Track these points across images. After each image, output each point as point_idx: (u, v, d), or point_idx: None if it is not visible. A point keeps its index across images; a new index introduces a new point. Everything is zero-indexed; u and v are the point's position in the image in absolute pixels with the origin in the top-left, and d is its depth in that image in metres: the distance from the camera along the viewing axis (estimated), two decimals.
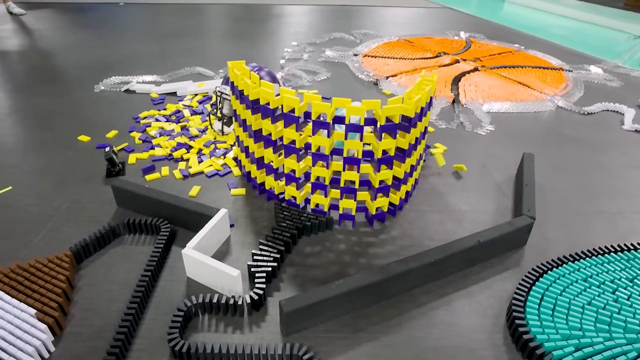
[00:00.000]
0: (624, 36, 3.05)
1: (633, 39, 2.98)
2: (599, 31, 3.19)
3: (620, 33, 3.13)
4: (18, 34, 2.84)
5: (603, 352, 0.75)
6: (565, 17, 3.61)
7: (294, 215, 1.06)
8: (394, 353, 0.78)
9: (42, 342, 0.74)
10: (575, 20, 3.51)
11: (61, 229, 1.05)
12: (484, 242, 0.94)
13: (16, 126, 1.57)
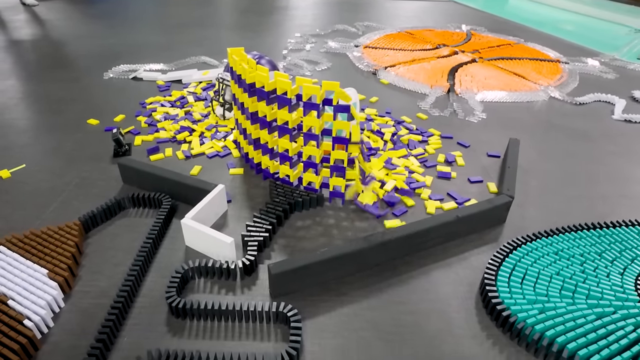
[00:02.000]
0: (624, 30, 3.07)
1: (634, 33, 2.99)
2: (600, 25, 3.20)
3: (622, 27, 3.14)
4: (31, 24, 2.93)
5: (564, 315, 0.81)
6: (568, 10, 3.62)
7: (287, 192, 1.13)
8: (373, 314, 0.84)
9: (53, 297, 0.82)
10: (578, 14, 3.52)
11: (71, 203, 1.13)
12: (462, 217, 1.00)
13: (29, 110, 1.66)
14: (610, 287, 0.88)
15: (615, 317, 0.81)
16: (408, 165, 1.30)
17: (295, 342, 0.74)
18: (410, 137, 1.46)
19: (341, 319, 0.83)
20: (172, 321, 0.81)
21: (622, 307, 0.84)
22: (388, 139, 1.44)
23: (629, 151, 1.49)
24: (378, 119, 1.59)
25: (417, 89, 1.90)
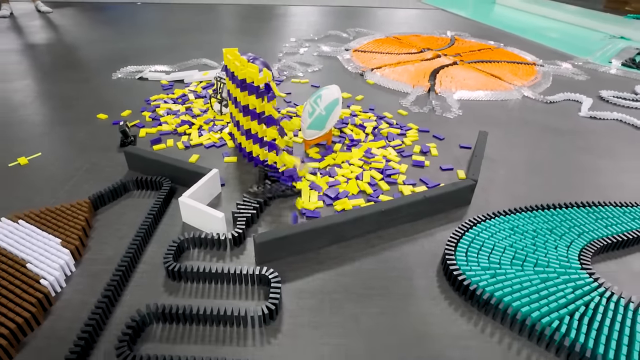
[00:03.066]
0: (600, 35, 3.14)
1: (609, 38, 3.07)
2: (578, 31, 3.28)
3: (597, 33, 3.22)
4: (45, 29, 3.02)
5: (513, 280, 0.89)
6: (550, 18, 3.70)
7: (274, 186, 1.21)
8: (346, 280, 0.92)
9: (65, 262, 0.90)
10: (558, 21, 3.60)
11: (82, 185, 1.21)
12: (429, 197, 1.08)
13: (44, 106, 1.74)
14: (557, 257, 0.96)
15: (558, 281, 0.89)
16: (386, 155, 1.38)
17: (275, 299, 0.82)
18: (390, 130, 1.54)
19: (317, 282, 0.91)
20: (168, 283, 0.89)
21: (564, 274, 0.91)
22: (369, 132, 1.52)
23: (591, 145, 1.57)
24: (362, 114, 1.67)
25: (400, 88, 1.98)
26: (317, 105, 1.35)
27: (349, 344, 0.78)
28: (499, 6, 4.29)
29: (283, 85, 2.00)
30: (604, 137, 1.62)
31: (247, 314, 0.80)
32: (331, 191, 1.18)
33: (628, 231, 1.04)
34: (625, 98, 1.98)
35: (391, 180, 1.26)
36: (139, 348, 0.76)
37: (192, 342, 0.77)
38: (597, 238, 1.02)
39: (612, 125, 1.73)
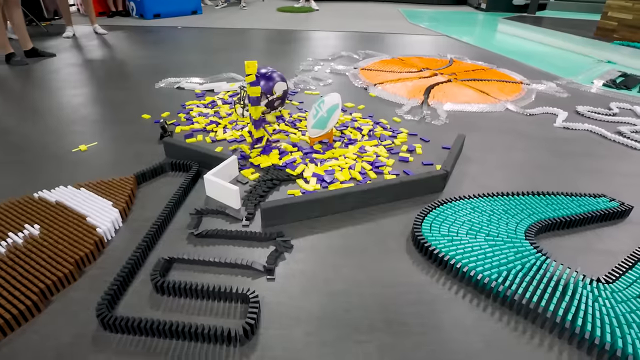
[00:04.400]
0: (588, 60, 3.24)
1: (596, 63, 3.16)
2: (568, 55, 3.38)
3: (586, 58, 3.31)
4: (101, 47, 3.33)
5: (466, 244, 1.03)
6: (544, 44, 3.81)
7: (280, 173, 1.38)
8: (332, 242, 1.08)
9: (115, 218, 1.09)
10: (551, 47, 3.71)
11: (129, 166, 1.41)
12: (405, 182, 1.23)
13: (100, 108, 1.98)
14: (506, 230, 1.09)
15: (502, 247, 1.02)
16: (377, 152, 1.53)
17: (287, 246, 0.99)
18: (383, 132, 1.70)
19: (309, 242, 1.07)
20: (192, 239, 1.07)
21: (509, 242, 1.05)
22: (365, 133, 1.68)
23: (560, 149, 1.68)
24: (361, 120, 1.84)
25: (397, 100, 2.14)
26: (320, 108, 1.53)
27: (330, 285, 0.94)
28: (500, 33, 4.41)
29: (297, 95, 2.19)
30: (571, 144, 1.73)
31: (254, 265, 0.97)
32: (327, 176, 1.34)
33: (572, 215, 1.17)
34: (598, 112, 2.08)
35: (379, 171, 1.41)
36: (167, 278, 0.93)
37: (209, 273, 0.94)
38: (544, 218, 1.15)
39: (582, 134, 1.84)
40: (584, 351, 0.80)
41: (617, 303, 0.87)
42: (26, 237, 1.01)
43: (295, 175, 1.35)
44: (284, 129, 1.71)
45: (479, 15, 5.88)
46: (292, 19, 5.17)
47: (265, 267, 0.96)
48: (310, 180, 1.33)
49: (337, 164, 1.43)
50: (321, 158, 1.47)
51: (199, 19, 4.96)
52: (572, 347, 0.81)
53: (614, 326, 0.81)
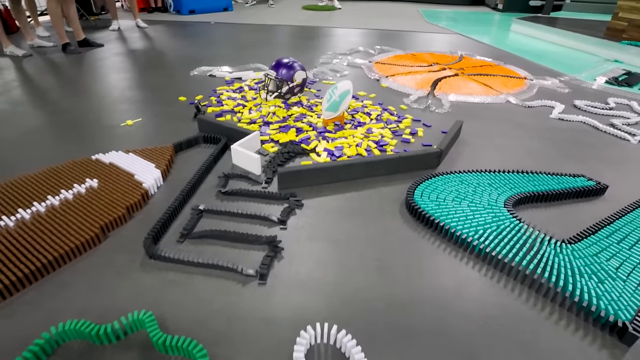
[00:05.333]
0: (595, 59, 3.22)
1: (603, 62, 3.15)
2: (576, 54, 3.36)
3: (594, 57, 3.29)
4: (142, 39, 3.53)
5: (451, 208, 1.14)
6: (554, 43, 3.79)
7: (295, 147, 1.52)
8: (337, 203, 1.21)
9: (157, 177, 1.25)
10: (560, 46, 3.69)
11: (168, 138, 1.58)
12: (403, 157, 1.35)
13: (142, 91, 2.16)
14: (487, 199, 1.20)
15: (482, 212, 1.13)
16: (382, 133, 1.65)
17: (298, 204, 1.13)
18: (389, 117, 1.81)
19: (318, 203, 1.21)
20: (220, 196, 1.23)
21: (489, 208, 1.15)
22: (373, 117, 1.80)
23: (551, 137, 1.75)
24: (371, 106, 1.95)
25: (406, 91, 2.24)
26: (334, 93, 1.65)
27: (333, 235, 1.07)
28: (513, 33, 4.39)
29: (316, 84, 2.32)
30: (563, 133, 1.80)
31: (270, 217, 1.11)
32: (336, 151, 1.47)
33: (549, 190, 1.26)
34: (595, 106, 2.12)
35: (382, 149, 1.53)
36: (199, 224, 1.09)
37: (233, 222, 1.09)
38: (523, 192, 1.25)
39: (575, 125, 1.90)
40: (541, 294, 0.91)
41: (574, 259, 0.98)
42: (88, 188, 1.19)
43: (309, 149, 1.49)
44: (302, 111, 1.84)
45: (495, 16, 5.82)
46: (315, 16, 5.27)
47: (279, 219, 1.11)
48: (321, 154, 1.46)
49: (346, 142, 1.55)
50: (332, 137, 1.60)
51: (229, 15, 5.12)
52: (531, 290, 0.92)
53: (568, 275, 0.92)
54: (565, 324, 0.84)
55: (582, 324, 0.85)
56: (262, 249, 1.01)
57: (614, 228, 1.10)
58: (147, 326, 0.76)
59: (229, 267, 0.93)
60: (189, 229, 1.05)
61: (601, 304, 0.85)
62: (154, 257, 0.96)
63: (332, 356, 0.76)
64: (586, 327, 0.84)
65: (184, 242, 1.03)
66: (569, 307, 0.87)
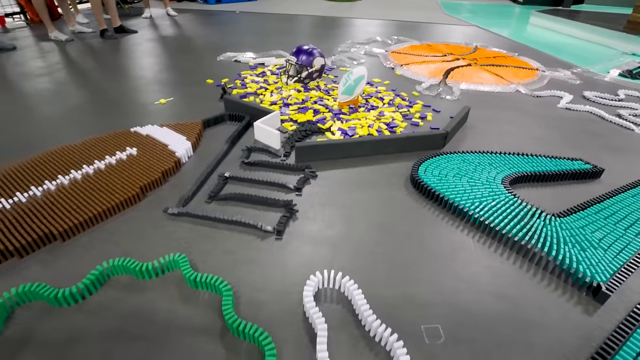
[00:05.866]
0: (612, 52, 3.17)
1: (619, 55, 3.09)
2: (593, 47, 3.31)
3: (611, 50, 3.23)
4: (172, 26, 3.65)
5: (452, 183, 1.21)
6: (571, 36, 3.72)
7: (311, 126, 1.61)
8: (349, 175, 1.30)
9: (188, 147, 1.37)
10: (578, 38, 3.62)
11: (198, 115, 1.69)
12: (411, 137, 1.42)
13: (173, 73, 2.28)
14: (486, 177, 1.27)
15: (480, 187, 1.20)
16: (393, 116, 1.72)
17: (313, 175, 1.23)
18: (401, 102, 1.88)
19: (330, 175, 1.30)
20: (243, 165, 1.33)
21: (487, 184, 1.22)
22: (386, 102, 1.87)
23: (556, 126, 1.78)
24: (384, 92, 2.02)
25: (419, 79, 2.28)
26: (349, 78, 1.72)
27: (342, 201, 1.17)
28: (531, 25, 4.32)
29: (334, 71, 2.39)
30: (569, 122, 1.82)
31: (287, 184, 1.21)
32: (350, 131, 1.55)
33: (546, 170, 1.31)
34: (604, 97, 2.12)
35: (392, 131, 1.60)
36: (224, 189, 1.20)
37: (254, 188, 1.20)
38: (521, 171, 1.31)
39: (582, 115, 1.92)
40: (527, 259, 0.98)
41: (561, 230, 1.04)
42: (128, 155, 1.31)
43: (325, 128, 1.58)
44: (320, 95, 1.92)
45: (515, 9, 5.70)
46: (336, 7, 5.28)
47: (295, 187, 1.21)
48: (335, 133, 1.54)
49: (359, 123, 1.63)
50: (347, 118, 1.68)
51: (254, 5, 5.19)
52: (518, 255, 0.99)
53: (553, 242, 0.99)
54: (546, 284, 0.92)
55: (561, 284, 0.92)
56: (279, 211, 1.11)
57: (604, 206, 1.16)
58: (180, 266, 0.88)
59: (250, 224, 1.03)
60: (216, 192, 1.16)
61: (580, 267, 0.92)
62: (187, 214, 1.08)
63: (336, 298, 0.86)
64: (565, 287, 0.91)
65: (211, 203, 1.14)
66: (552, 269, 0.95)
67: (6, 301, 0.79)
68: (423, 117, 1.75)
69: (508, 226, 1.04)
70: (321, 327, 0.74)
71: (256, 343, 0.74)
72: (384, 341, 0.75)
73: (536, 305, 0.86)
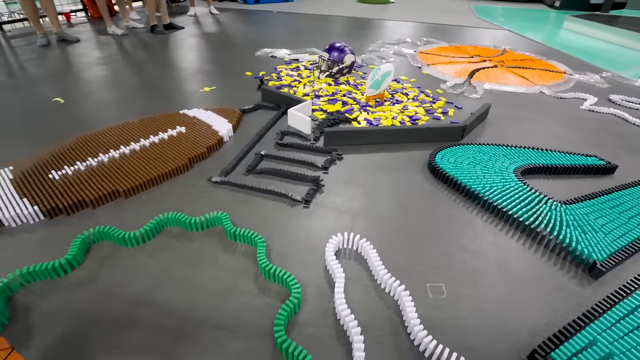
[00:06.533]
0: None
1: None
2: (627, 53, 3.23)
3: None
4: (215, 24, 3.86)
5: (466, 171, 1.30)
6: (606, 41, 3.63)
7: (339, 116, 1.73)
8: (371, 159, 1.41)
9: (229, 128, 1.52)
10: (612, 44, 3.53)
11: (237, 104, 1.85)
12: (431, 128, 1.51)
13: (215, 65, 2.46)
14: (499, 166, 1.34)
15: (493, 175, 1.28)
16: (417, 111, 1.81)
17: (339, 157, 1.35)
18: (425, 98, 1.96)
19: (355, 158, 1.41)
20: (277, 146, 1.47)
21: (499, 173, 1.30)
22: (410, 97, 1.95)
23: (577, 126, 1.79)
24: (409, 88, 2.10)
25: (444, 78, 2.35)
26: (377, 73, 1.82)
27: (364, 181, 1.28)
28: (564, 30, 4.23)
29: (363, 68, 2.49)
30: (590, 123, 1.84)
31: (316, 162, 1.34)
32: (374, 121, 1.66)
33: (558, 164, 1.37)
34: (631, 101, 2.11)
35: (415, 124, 1.70)
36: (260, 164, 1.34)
37: (286, 165, 1.33)
38: (532, 163, 1.37)
39: (605, 117, 1.92)
40: (530, 237, 1.06)
41: (566, 215, 1.11)
42: (178, 132, 1.48)
43: (352, 118, 1.69)
44: (349, 89, 2.04)
45: (551, 13, 5.57)
46: (369, 9, 5.36)
47: (322, 166, 1.33)
48: (361, 122, 1.65)
49: (383, 115, 1.73)
50: (372, 110, 1.79)
51: (290, 5, 5.36)
52: (523, 234, 1.07)
53: (556, 225, 1.06)
54: (546, 259, 1.00)
55: (560, 261, 0.99)
56: (307, 185, 1.24)
57: (611, 197, 1.21)
58: (223, 221, 1.02)
59: (281, 193, 1.17)
60: (253, 166, 1.31)
61: (579, 247, 0.99)
62: (229, 184, 1.22)
63: (353, 256, 0.97)
64: (563, 264, 0.98)
65: (248, 175, 1.28)
66: (553, 247, 1.02)
67: (86, 238, 0.96)
68: (445, 112, 1.83)
69: (515, 208, 1.11)
70: (339, 276, 0.86)
71: (284, 284, 0.87)
72: (392, 291, 0.86)
73: (534, 276, 0.94)
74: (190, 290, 0.86)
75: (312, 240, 1.02)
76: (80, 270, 0.91)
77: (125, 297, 0.84)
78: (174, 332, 0.77)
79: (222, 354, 0.73)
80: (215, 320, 0.80)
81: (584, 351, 0.72)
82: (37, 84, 2.10)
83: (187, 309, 0.82)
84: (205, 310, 0.82)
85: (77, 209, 1.10)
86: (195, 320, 0.79)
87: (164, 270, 0.91)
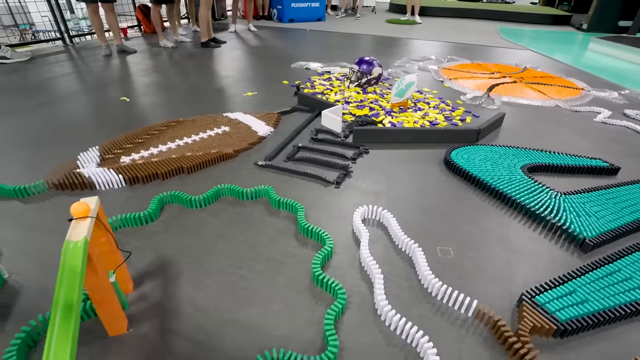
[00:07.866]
0: None
1: None
2: None
3: None
4: (253, 39, 4.23)
5: (480, 167, 1.48)
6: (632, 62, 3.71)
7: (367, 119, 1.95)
8: (392, 155, 1.61)
9: (269, 129, 1.77)
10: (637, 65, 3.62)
11: (276, 108, 2.11)
12: (448, 130, 1.71)
13: (256, 73, 2.76)
14: (509, 164, 1.51)
15: (502, 170, 1.45)
16: (437, 117, 2.01)
17: (365, 151, 1.57)
18: (444, 107, 2.16)
19: (379, 152, 1.62)
20: (312, 141, 1.70)
21: (508, 169, 1.47)
22: (432, 106, 2.16)
23: (588, 135, 1.93)
24: (431, 98, 2.31)
25: (465, 91, 2.54)
26: (401, 83, 2.05)
27: (386, 171, 1.49)
28: (590, 52, 4.34)
29: (389, 81, 2.72)
30: (602, 133, 1.96)
31: (345, 154, 1.56)
32: (398, 125, 1.87)
33: (563, 164, 1.52)
34: None
35: (434, 128, 1.89)
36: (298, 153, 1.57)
37: (320, 156, 1.56)
38: (540, 162, 1.53)
39: (617, 129, 2.04)
40: (532, 220, 1.23)
41: (564, 202, 1.27)
42: (223, 131, 1.74)
43: (378, 121, 1.91)
44: (375, 97, 2.27)
45: (578, 35, 5.66)
46: (397, 29, 5.64)
47: (351, 157, 1.55)
48: (386, 125, 1.87)
49: (406, 119, 1.94)
50: (396, 115, 2.00)
51: (322, 24, 5.72)
52: (524, 217, 1.24)
53: (554, 209, 1.22)
54: (544, 236, 1.16)
55: (555, 237, 1.15)
56: (338, 171, 1.46)
57: (609, 192, 1.35)
58: (268, 193, 1.25)
59: (316, 176, 1.39)
60: (292, 155, 1.54)
61: (572, 226, 1.15)
62: (267, 167, 1.46)
63: (376, 224, 1.17)
64: (558, 240, 1.15)
65: (288, 162, 1.51)
66: (550, 227, 1.18)
67: (162, 198, 1.21)
68: (462, 120, 2.02)
69: (518, 195, 1.29)
70: (364, 235, 1.06)
71: (319, 240, 1.08)
72: (408, 250, 1.05)
73: (532, 248, 1.11)
74: (244, 239, 1.09)
75: (342, 212, 1.23)
76: (157, 222, 1.16)
77: (193, 244, 1.07)
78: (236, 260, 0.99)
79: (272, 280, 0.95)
80: (266, 256, 1.01)
81: (564, 297, 0.89)
82: (106, 87, 2.45)
83: (244, 250, 1.04)
84: (261, 247, 1.04)
85: (150, 179, 1.36)
86: (251, 254, 1.01)
87: (223, 225, 1.14)
